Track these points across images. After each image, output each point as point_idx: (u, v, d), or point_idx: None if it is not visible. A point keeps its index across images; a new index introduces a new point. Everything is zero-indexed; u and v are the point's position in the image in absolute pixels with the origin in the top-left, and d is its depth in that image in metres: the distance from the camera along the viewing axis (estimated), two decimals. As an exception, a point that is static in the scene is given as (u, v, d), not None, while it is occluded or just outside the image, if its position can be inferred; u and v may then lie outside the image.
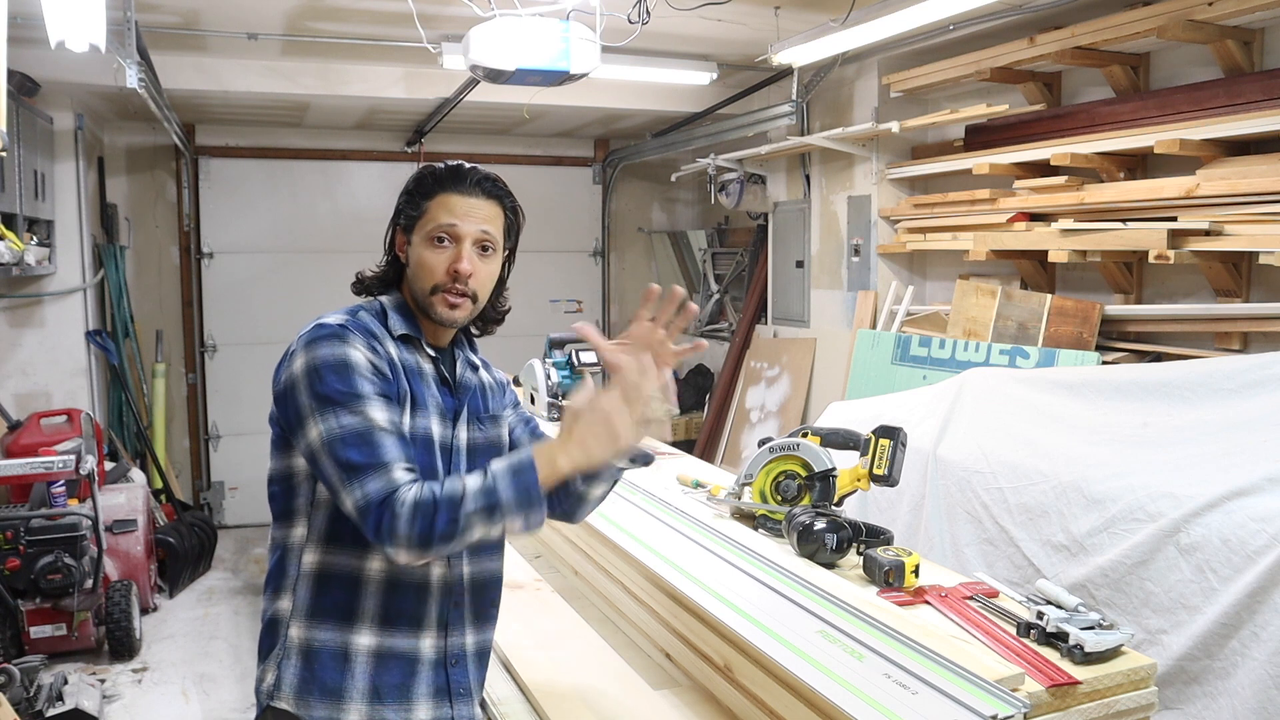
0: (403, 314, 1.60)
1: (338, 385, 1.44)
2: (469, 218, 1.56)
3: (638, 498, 2.47)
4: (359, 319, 1.54)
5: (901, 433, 2.19)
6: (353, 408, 1.43)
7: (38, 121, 4.84)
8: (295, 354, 1.49)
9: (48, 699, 3.56)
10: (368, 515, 1.39)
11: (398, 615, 1.53)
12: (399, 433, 1.45)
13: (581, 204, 7.64)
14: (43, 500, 4.33)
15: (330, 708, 1.50)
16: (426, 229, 1.57)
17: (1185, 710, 2.38)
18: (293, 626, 1.53)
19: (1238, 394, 2.74)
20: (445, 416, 1.59)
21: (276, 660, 1.53)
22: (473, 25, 3.46)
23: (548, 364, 3.60)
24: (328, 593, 1.51)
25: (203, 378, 6.71)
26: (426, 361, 1.60)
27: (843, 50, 4.32)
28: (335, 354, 1.46)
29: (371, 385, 1.45)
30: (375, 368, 1.48)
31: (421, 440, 1.53)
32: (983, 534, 3.00)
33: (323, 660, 1.50)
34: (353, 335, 1.49)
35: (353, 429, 1.42)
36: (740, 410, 6.09)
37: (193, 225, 6.58)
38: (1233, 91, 3.36)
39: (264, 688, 1.54)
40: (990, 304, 4.06)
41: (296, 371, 1.47)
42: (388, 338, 1.55)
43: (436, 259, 1.55)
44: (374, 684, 1.51)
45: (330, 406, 1.43)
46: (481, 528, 1.39)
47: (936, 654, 1.51)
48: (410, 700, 1.53)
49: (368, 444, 1.41)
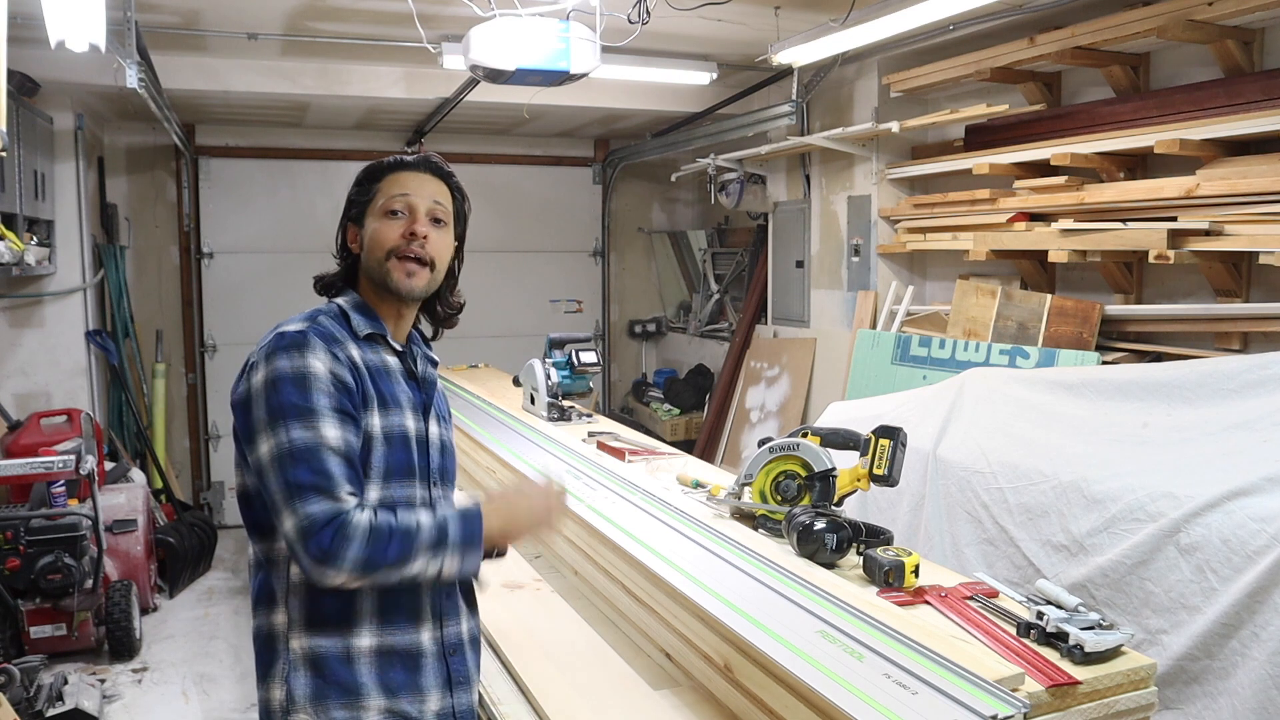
0: (364, 313, 1.60)
1: (294, 399, 1.44)
2: (420, 190, 1.59)
3: (638, 498, 2.47)
4: (320, 324, 1.53)
5: (901, 433, 2.19)
6: (306, 422, 1.43)
7: (38, 121, 4.84)
8: (255, 366, 1.49)
9: (48, 699, 3.56)
10: (309, 536, 1.39)
11: (394, 612, 1.53)
12: (348, 454, 1.45)
13: (581, 204, 7.64)
14: (43, 500, 4.33)
15: (349, 708, 1.50)
16: (379, 205, 1.59)
17: (1185, 710, 2.38)
18: (293, 639, 1.52)
19: (1238, 394, 2.73)
20: (416, 411, 1.60)
21: (283, 676, 1.51)
22: (473, 25, 3.46)
23: (548, 364, 3.60)
24: (322, 600, 1.50)
25: (203, 378, 6.71)
26: (392, 356, 1.60)
27: (843, 50, 4.32)
28: (295, 366, 1.45)
29: (329, 399, 1.45)
30: (336, 378, 1.47)
31: (398, 438, 1.54)
32: (983, 534, 3.00)
33: (331, 665, 1.50)
34: (314, 343, 1.48)
35: (302, 445, 1.42)
36: (740, 410, 6.09)
37: (193, 225, 6.58)
38: (1233, 91, 3.35)
39: (275, 706, 1.52)
40: (990, 304, 4.06)
41: (256, 384, 1.47)
42: (349, 340, 1.54)
43: (391, 227, 1.57)
44: (383, 681, 1.52)
45: (283, 421, 1.43)
46: (423, 562, 1.44)
47: (936, 654, 1.51)
48: (422, 692, 1.55)
49: (315, 463, 1.42)
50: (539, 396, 3.56)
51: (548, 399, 3.51)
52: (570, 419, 3.48)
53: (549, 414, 3.49)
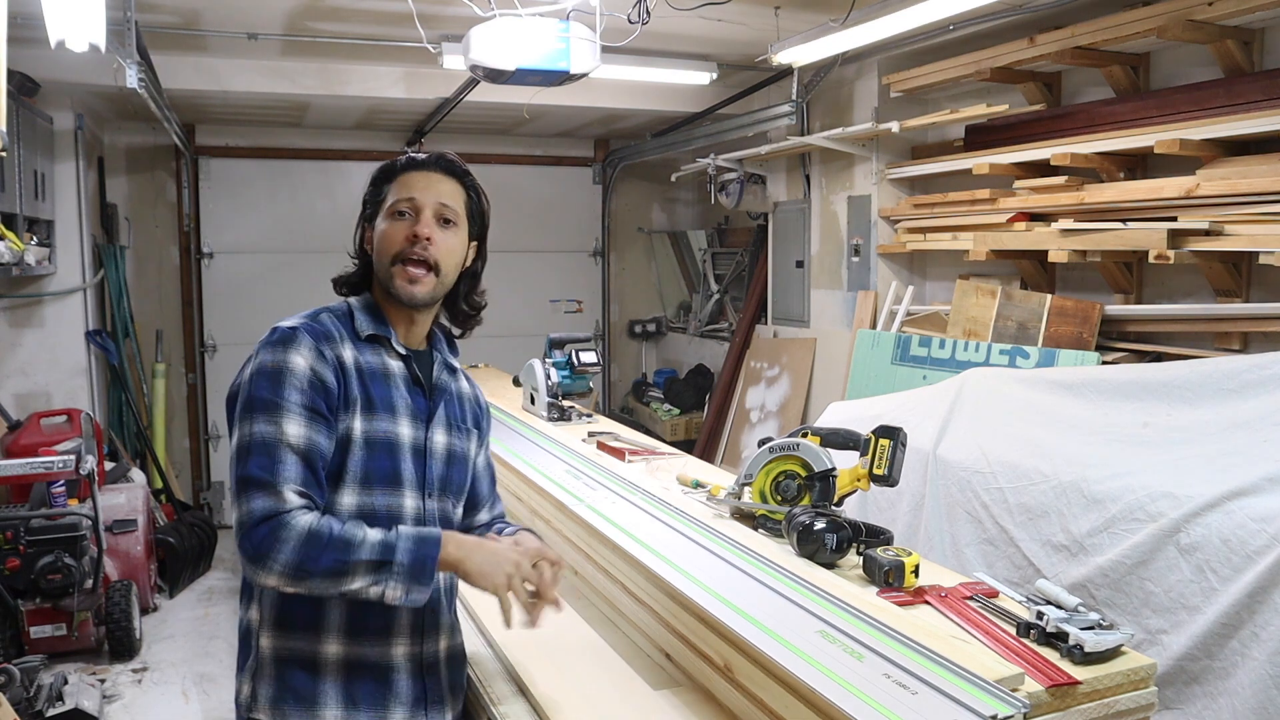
0: (371, 314, 1.59)
1: (266, 393, 1.44)
2: (427, 190, 1.59)
3: (638, 498, 2.47)
4: (318, 321, 1.53)
5: (901, 433, 2.18)
6: (271, 416, 1.43)
7: (38, 121, 4.84)
8: (250, 360, 1.50)
9: (48, 699, 3.56)
10: (245, 531, 1.38)
11: (365, 625, 1.52)
12: (308, 453, 1.44)
13: (581, 204, 7.65)
14: (43, 500, 4.33)
15: (305, 717, 1.49)
16: (387, 206, 1.59)
17: (1185, 710, 2.38)
18: (262, 637, 1.52)
19: (1238, 394, 2.73)
20: (418, 418, 1.58)
21: (251, 672, 1.53)
22: (473, 25, 3.46)
23: (548, 364, 3.59)
24: (293, 604, 1.50)
25: (203, 378, 6.71)
26: (395, 360, 1.58)
27: (843, 50, 4.32)
28: (276, 360, 1.46)
29: (300, 396, 1.44)
30: (316, 376, 1.46)
31: (381, 443, 1.52)
32: (983, 534, 2.99)
33: (293, 671, 1.49)
34: (302, 338, 1.48)
35: (261, 438, 1.42)
36: (740, 410, 6.09)
37: (193, 225, 6.58)
38: (1233, 91, 3.35)
39: (241, 700, 1.54)
40: (990, 304, 4.06)
41: (243, 377, 1.49)
42: (346, 340, 1.53)
43: (396, 229, 1.57)
44: (347, 692, 1.50)
45: (251, 413, 1.44)
46: (364, 580, 1.39)
47: (936, 654, 1.50)
48: (386, 707, 1.52)
49: (269, 458, 1.41)
50: (539, 396, 3.55)
51: (548, 399, 3.51)
52: (570, 419, 3.48)
53: (549, 414, 3.49)
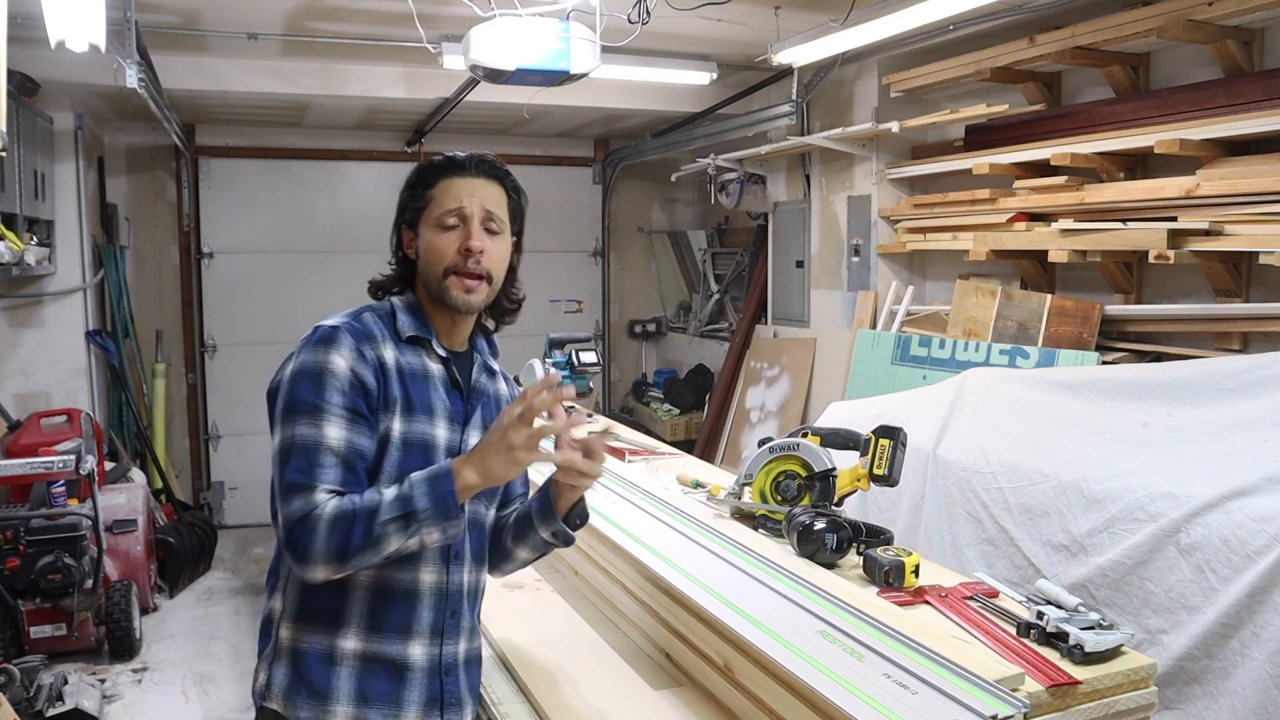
0: (414, 314, 1.58)
1: (308, 394, 1.44)
2: (474, 198, 1.57)
3: (638, 498, 2.47)
4: (360, 321, 1.53)
5: (901, 433, 2.19)
6: (313, 418, 1.43)
7: (38, 121, 4.84)
8: (292, 358, 1.50)
9: (48, 699, 3.56)
10: (287, 535, 1.40)
11: (385, 622, 1.52)
12: (348, 455, 1.44)
13: (581, 204, 7.64)
14: (43, 500, 4.33)
15: (316, 709, 1.49)
16: (433, 216, 1.57)
17: (1185, 710, 2.38)
18: (282, 628, 1.53)
19: (1238, 394, 2.73)
20: (454, 421, 1.57)
21: (268, 661, 1.54)
22: (473, 25, 3.46)
23: (548, 364, 3.59)
24: (315, 596, 1.51)
25: (203, 378, 6.71)
26: (435, 363, 1.58)
27: (843, 50, 4.32)
28: (318, 360, 1.46)
29: (342, 397, 1.45)
30: (356, 376, 1.46)
31: (418, 445, 1.52)
32: (983, 534, 2.99)
33: (309, 662, 1.50)
34: (343, 339, 1.48)
35: (303, 440, 1.42)
36: (740, 410, 6.09)
37: (193, 225, 6.58)
38: (1233, 91, 3.35)
39: (257, 688, 1.55)
40: (990, 304, 4.06)
41: (285, 376, 1.49)
42: (388, 340, 1.53)
43: (446, 241, 1.55)
44: (360, 688, 1.50)
45: (293, 415, 1.44)
46: (399, 539, 1.39)
47: (936, 654, 1.51)
48: (400, 706, 1.52)
49: (309, 461, 1.42)
50: (539, 396, 3.56)
51: (548, 399, 3.51)
52: (570, 419, 3.48)
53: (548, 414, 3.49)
